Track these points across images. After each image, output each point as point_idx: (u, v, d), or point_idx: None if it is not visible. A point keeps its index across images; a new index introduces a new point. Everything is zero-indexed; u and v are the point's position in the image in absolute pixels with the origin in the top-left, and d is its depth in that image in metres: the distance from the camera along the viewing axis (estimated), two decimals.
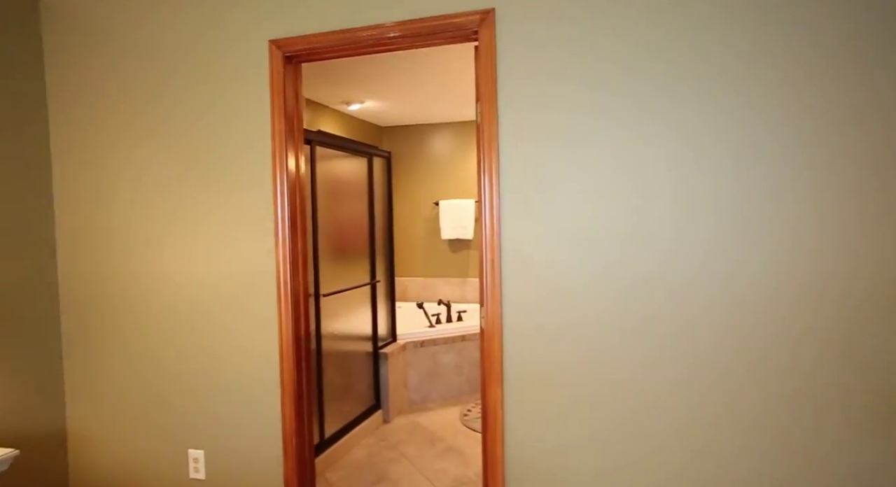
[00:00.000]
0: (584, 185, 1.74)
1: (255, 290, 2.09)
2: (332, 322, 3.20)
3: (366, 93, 4.16)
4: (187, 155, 2.15)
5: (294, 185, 2.07)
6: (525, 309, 1.81)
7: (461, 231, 5.27)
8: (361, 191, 3.52)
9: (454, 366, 4.16)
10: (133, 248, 2.23)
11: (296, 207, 2.08)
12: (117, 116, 2.22)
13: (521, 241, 1.80)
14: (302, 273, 2.10)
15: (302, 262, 2.10)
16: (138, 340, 2.25)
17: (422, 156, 5.52)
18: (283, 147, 2.03)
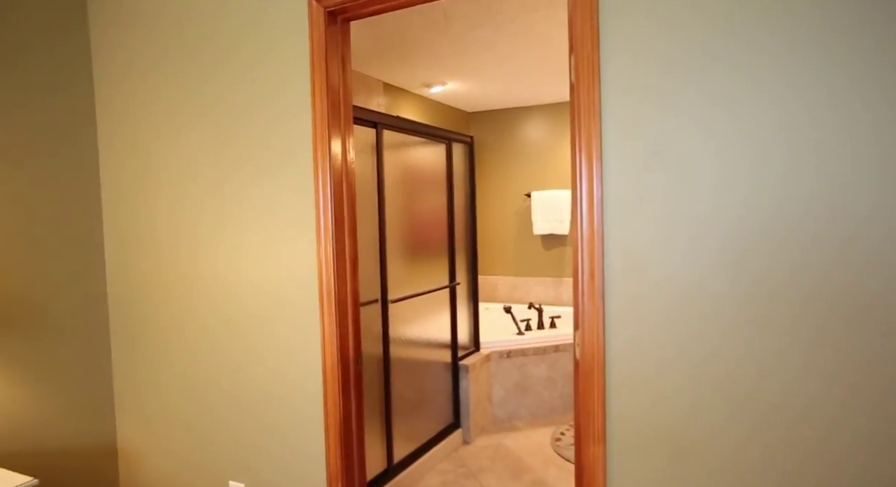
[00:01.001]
0: (731, 165, 1.18)
1: (292, 301, 1.73)
2: (404, 329, 2.82)
3: (448, 74, 3.74)
4: (218, 139, 1.83)
5: (340, 174, 1.69)
6: (640, 339, 1.28)
7: (556, 225, 4.72)
8: (439, 181, 3.10)
9: (545, 380, 3.65)
10: (175, 250, 1.97)
11: (342, 200, 1.69)
12: (160, 104, 1.96)
13: (633, 243, 1.28)
14: (351, 279, 1.71)
15: (351, 267, 1.71)
16: (183, 354, 1.99)
17: (512, 142, 5.02)
18: (326, 127, 1.64)
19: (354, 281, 1.73)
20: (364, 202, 2.49)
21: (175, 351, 2.00)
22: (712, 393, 1.22)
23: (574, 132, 1.33)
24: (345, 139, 1.72)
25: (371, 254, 2.54)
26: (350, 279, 1.71)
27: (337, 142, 1.68)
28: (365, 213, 2.49)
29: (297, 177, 1.71)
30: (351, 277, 1.72)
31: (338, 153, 1.68)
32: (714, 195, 1.20)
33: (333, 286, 1.66)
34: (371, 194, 2.53)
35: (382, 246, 2.59)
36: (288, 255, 1.74)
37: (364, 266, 2.50)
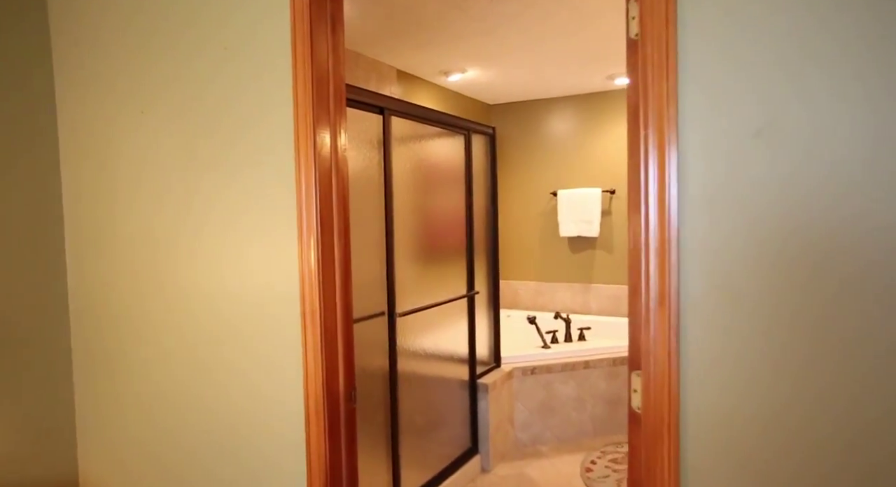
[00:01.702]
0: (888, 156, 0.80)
1: (267, 322, 1.40)
2: (414, 343, 2.47)
3: (468, 60, 3.38)
4: (190, 133, 1.50)
5: (328, 168, 1.35)
6: (735, 389, 0.91)
7: (584, 227, 4.33)
8: (456, 177, 2.75)
9: (574, 400, 3.27)
10: (133, 258, 1.65)
11: (330, 198, 1.35)
12: (121, 85, 1.64)
13: (724, 256, 0.91)
14: (341, 294, 1.37)
15: (342, 278, 1.37)
16: (147, 383, 1.67)
17: (536, 137, 4.64)
18: (310, 112, 1.30)
19: (346, 295, 1.39)
20: (368, 201, 2.15)
21: (139, 378, 1.68)
22: None
23: (636, 104, 0.96)
24: (335, 126, 1.38)
25: (376, 261, 2.20)
26: (340, 293, 1.37)
27: (325, 130, 1.34)
28: (369, 214, 2.15)
29: (274, 172, 1.37)
30: (342, 291, 1.37)
31: (326, 142, 1.34)
32: (856, 191, 0.82)
33: (319, 303, 1.31)
34: (377, 191, 2.19)
35: (390, 251, 2.24)
36: (260, 265, 1.40)
37: (367, 274, 2.16)
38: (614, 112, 4.30)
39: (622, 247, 4.35)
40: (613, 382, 3.32)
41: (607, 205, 4.38)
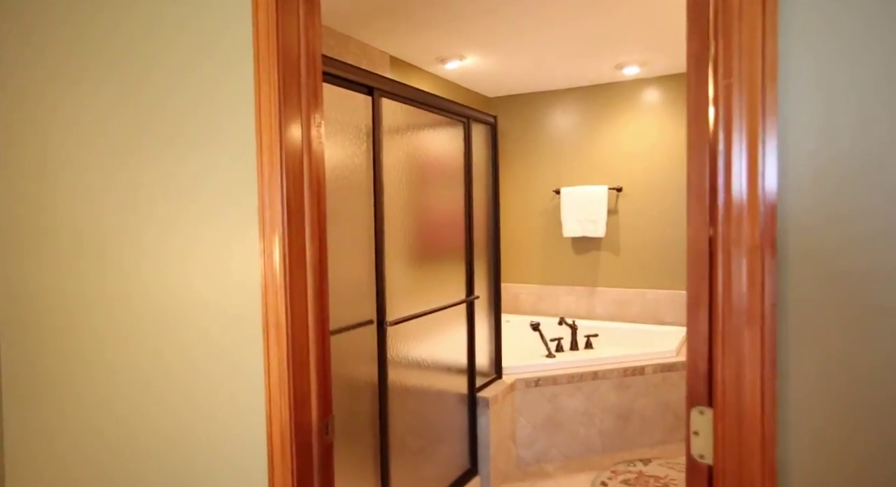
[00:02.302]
0: None
1: (219, 339, 1.13)
2: (407, 354, 2.20)
3: (467, 45, 3.12)
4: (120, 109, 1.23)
5: (298, 157, 1.08)
6: (866, 448, 0.65)
7: (589, 226, 4.07)
8: (454, 170, 2.49)
9: (582, 414, 3.01)
10: (56, 257, 1.37)
11: (300, 191, 1.09)
12: (66, 64, 1.37)
13: (848, 257, 0.65)
14: (314, 303, 1.10)
15: (315, 284, 1.11)
16: (76, 407, 1.39)
17: (539, 132, 4.39)
18: (276, 96, 1.05)
19: (321, 303, 1.12)
20: (354, 195, 1.88)
21: (74, 406, 1.40)
22: None
23: (702, 48, 0.70)
24: (309, 107, 1.11)
25: (363, 263, 1.94)
26: (314, 301, 1.10)
27: (294, 112, 1.08)
28: (356, 209, 1.89)
29: (230, 157, 1.11)
30: (315, 299, 1.11)
31: (296, 125, 1.08)
32: None
33: (285, 314, 1.05)
34: (364, 184, 1.93)
35: (379, 251, 1.98)
36: (213, 268, 1.13)
37: (353, 278, 1.89)
38: (622, 104, 4.05)
39: (629, 248, 4.10)
40: (624, 394, 3.06)
41: (613, 204, 4.13)
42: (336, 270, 1.80)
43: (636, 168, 4.04)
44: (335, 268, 1.79)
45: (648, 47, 3.25)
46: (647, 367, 3.10)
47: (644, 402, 3.10)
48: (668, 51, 3.32)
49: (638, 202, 4.05)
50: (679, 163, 3.89)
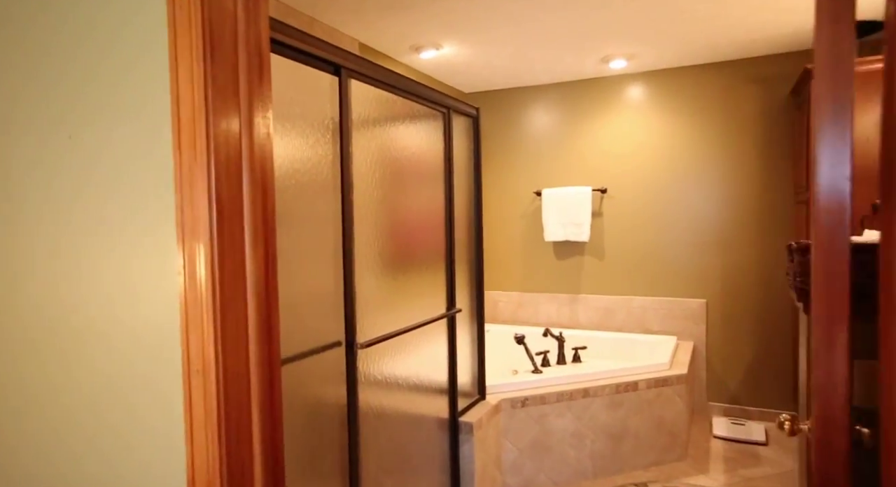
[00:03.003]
0: None
1: (126, 382, 0.81)
2: (380, 377, 1.90)
3: (444, 32, 2.85)
4: None
5: (234, 150, 0.78)
6: None
7: (573, 230, 3.84)
8: (433, 166, 2.20)
9: (571, 435, 2.76)
10: None
11: (239, 192, 0.79)
12: None
13: None
14: (258, 329, 0.80)
15: (260, 304, 0.80)
16: None
17: (519, 130, 4.14)
18: (201, 73, 0.75)
19: (268, 335, 0.82)
20: (317, 195, 1.58)
21: None
22: None
23: None
24: (249, 92, 0.81)
25: (329, 275, 1.63)
26: (258, 334, 0.80)
27: (227, 97, 0.77)
28: (318, 212, 1.58)
29: (141, 151, 0.80)
30: (259, 330, 0.80)
31: (228, 113, 0.78)
32: None
33: (215, 349, 0.74)
34: (330, 182, 1.62)
35: (348, 261, 1.68)
36: (112, 288, 0.82)
37: (316, 293, 1.59)
38: (607, 101, 3.83)
39: (614, 253, 3.88)
40: (616, 413, 2.82)
41: (598, 206, 3.91)
42: (294, 284, 1.49)
43: (622, 168, 3.83)
44: (293, 282, 1.48)
45: (637, 39, 3.03)
46: (641, 382, 2.86)
47: (637, 420, 2.87)
48: (658, 43, 3.11)
49: (624, 204, 3.83)
50: (667, 163, 3.69)
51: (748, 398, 3.56)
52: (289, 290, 1.46)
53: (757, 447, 3.14)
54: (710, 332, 3.64)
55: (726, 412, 3.61)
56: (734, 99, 3.50)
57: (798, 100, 3.26)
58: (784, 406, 3.47)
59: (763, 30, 2.94)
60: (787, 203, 3.42)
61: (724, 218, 3.57)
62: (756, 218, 3.49)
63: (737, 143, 3.51)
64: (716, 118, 3.55)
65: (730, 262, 3.56)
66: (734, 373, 3.59)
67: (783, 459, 2.98)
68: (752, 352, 3.54)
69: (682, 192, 3.66)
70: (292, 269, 1.47)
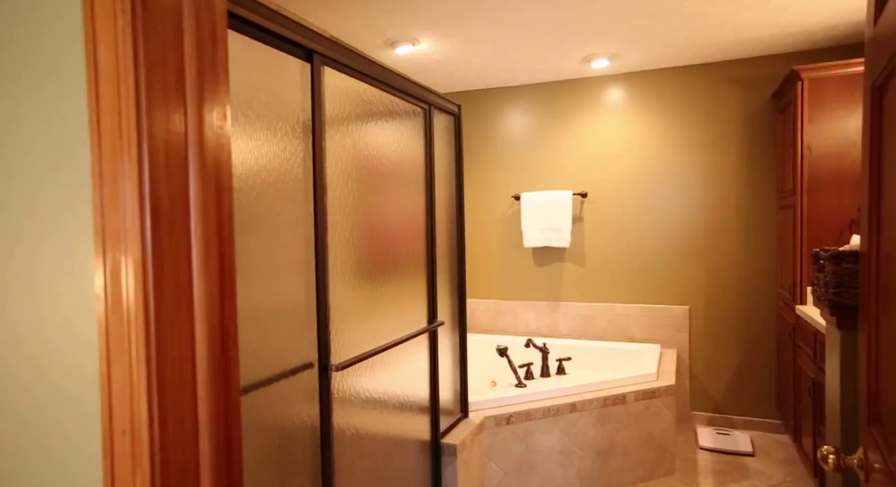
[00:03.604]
0: None
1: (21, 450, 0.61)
2: (356, 400, 1.71)
3: (421, 25, 2.68)
4: None
5: (174, 153, 0.59)
6: None
7: (553, 236, 3.71)
8: (413, 167, 2.02)
9: (558, 453, 2.60)
10: None
11: (183, 198, 0.59)
12: None
13: None
14: (213, 381, 0.60)
15: (213, 343, 0.60)
16: None
17: (497, 132, 4.00)
18: (134, 69, 0.55)
19: (226, 378, 0.63)
20: (284, 198, 1.38)
21: None
22: None
23: None
24: (198, 77, 0.63)
25: (300, 288, 1.43)
26: (209, 374, 0.61)
27: (167, 84, 0.58)
28: (287, 218, 1.39)
29: (50, 135, 0.59)
30: (210, 368, 0.61)
31: (168, 102, 0.58)
32: None
33: (148, 407, 0.54)
34: (300, 183, 1.43)
35: (321, 272, 1.48)
36: (14, 318, 0.61)
37: (286, 307, 1.38)
38: (588, 103, 3.73)
39: (595, 259, 3.77)
40: (604, 428, 2.68)
41: (578, 211, 3.79)
42: (259, 298, 1.29)
43: (603, 172, 3.72)
44: (258, 295, 1.28)
45: (621, 37, 2.92)
46: (629, 395, 2.73)
47: (625, 435, 2.73)
48: (642, 43, 3.02)
49: (605, 209, 3.73)
50: (649, 167, 3.60)
51: (732, 406, 3.48)
52: (252, 305, 1.26)
53: (744, 458, 3.05)
54: (693, 340, 3.55)
55: (710, 421, 3.53)
56: (717, 102, 3.43)
57: (780, 103, 3.21)
58: (767, 414, 3.40)
59: (748, 30, 2.87)
60: (770, 208, 3.36)
61: (706, 222, 3.49)
62: (739, 223, 3.43)
63: (719, 147, 3.45)
64: (698, 121, 3.48)
65: (713, 268, 3.49)
66: (717, 382, 3.51)
67: (772, 471, 2.90)
68: (735, 360, 3.46)
69: (665, 197, 3.58)
70: (256, 281, 1.27)
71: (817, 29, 2.89)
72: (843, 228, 2.77)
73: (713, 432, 3.36)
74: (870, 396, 0.94)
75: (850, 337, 1.11)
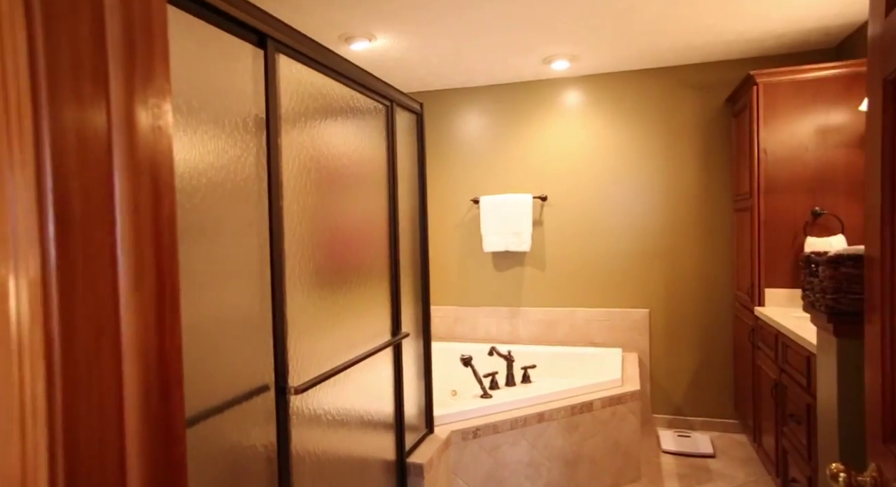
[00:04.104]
0: None
1: None
2: (317, 423, 1.55)
3: (380, 22, 2.55)
4: None
5: (92, 150, 0.44)
6: None
7: (513, 240, 3.64)
8: (375, 168, 1.88)
9: (527, 465, 2.51)
10: None
11: (106, 203, 0.44)
12: None
13: None
14: (144, 443, 0.45)
15: (145, 393, 0.45)
16: None
17: (455, 134, 3.90)
18: (25, 49, 0.39)
19: (166, 430, 0.48)
20: (235, 201, 1.22)
21: None
22: None
23: None
24: (126, 60, 0.48)
25: (253, 302, 1.27)
26: (142, 436, 0.45)
27: (82, 68, 0.43)
28: (238, 224, 1.22)
29: None
30: (144, 428, 0.45)
31: (82, 91, 0.43)
32: None
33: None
34: (252, 185, 1.26)
35: (277, 283, 1.32)
36: None
37: (236, 322, 1.22)
38: (547, 105, 3.68)
39: (556, 264, 3.72)
40: (572, 437, 2.61)
41: (538, 215, 3.74)
42: (205, 316, 1.12)
43: (562, 175, 3.68)
44: (205, 312, 1.11)
45: (582, 38, 2.88)
46: (596, 402, 2.68)
47: (593, 443, 2.68)
48: (602, 45, 2.99)
49: (564, 212, 3.69)
50: (608, 171, 3.59)
51: (691, 408, 3.50)
52: (198, 322, 1.09)
53: (706, 460, 3.06)
54: (653, 343, 3.55)
55: (670, 423, 3.53)
56: (674, 106, 3.46)
57: (735, 107, 3.26)
58: (725, 414, 3.44)
59: (706, 34, 2.89)
60: (726, 211, 3.41)
61: (665, 225, 3.51)
62: (696, 225, 3.46)
63: (677, 151, 3.47)
64: (656, 125, 3.50)
65: (672, 271, 3.50)
66: (677, 384, 3.52)
67: (734, 472, 2.91)
68: (694, 362, 3.49)
69: (624, 200, 3.57)
70: (203, 295, 1.10)
71: (768, 36, 2.94)
72: (797, 231, 2.82)
73: (674, 435, 3.36)
74: (884, 409, 0.88)
75: (849, 345, 1.06)
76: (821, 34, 2.93)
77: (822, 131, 2.74)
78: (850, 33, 2.94)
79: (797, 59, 3.21)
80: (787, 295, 2.80)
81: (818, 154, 2.75)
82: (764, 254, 2.83)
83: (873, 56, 0.91)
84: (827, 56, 3.16)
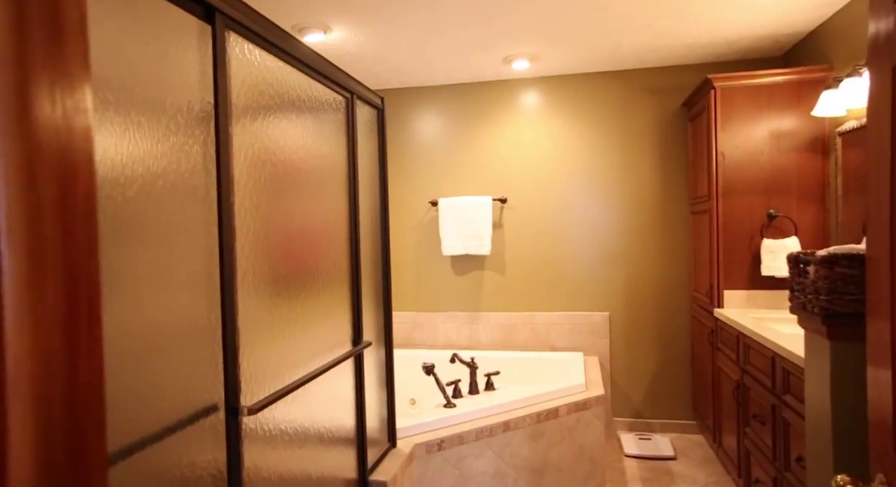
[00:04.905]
0: None
1: None
2: (272, 443, 1.40)
3: (336, 13, 2.41)
4: None
5: None
6: None
7: (473, 243, 3.56)
8: (334, 163, 1.75)
9: (492, 477, 2.42)
10: None
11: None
12: None
13: None
14: None
15: (45, 443, 0.31)
16: None
17: (413, 135, 3.79)
18: None
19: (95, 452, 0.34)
20: (178, 202, 1.06)
21: None
22: None
23: None
24: (27, 44, 0.34)
25: (200, 309, 1.11)
26: None
27: None
28: (182, 228, 1.07)
29: None
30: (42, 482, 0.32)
31: None
32: None
33: None
34: (199, 179, 1.11)
35: (227, 292, 1.17)
36: None
37: (180, 333, 1.06)
38: (507, 106, 3.63)
39: (515, 267, 3.66)
40: (538, 445, 2.54)
41: (498, 217, 3.68)
42: (142, 327, 0.96)
43: (521, 177, 3.63)
44: (142, 324, 0.95)
45: (543, 37, 2.84)
46: (561, 408, 2.62)
47: (559, 451, 2.61)
48: (563, 46, 2.95)
49: (524, 215, 3.64)
50: (568, 173, 3.56)
51: (651, 410, 3.51)
52: (132, 335, 0.93)
53: (668, 462, 3.06)
54: (613, 346, 3.54)
55: (631, 426, 3.53)
56: (632, 109, 3.47)
57: (691, 111, 3.30)
58: (683, 416, 3.46)
59: (664, 38, 2.90)
60: (683, 213, 3.44)
61: (623, 228, 3.51)
62: (654, 228, 3.47)
63: (635, 154, 3.48)
64: (614, 128, 3.50)
65: (631, 273, 3.51)
66: (637, 387, 3.52)
67: (695, 473, 2.91)
68: (653, 364, 3.50)
69: (583, 203, 3.55)
70: (140, 304, 0.95)
71: (723, 42, 2.99)
72: (754, 233, 2.86)
73: (635, 438, 3.35)
74: (895, 416, 0.83)
75: (843, 348, 1.02)
76: (771, 41, 3.00)
77: (776, 135, 2.79)
78: (796, 42, 3.03)
79: (748, 66, 3.28)
80: (745, 297, 2.83)
81: (772, 157, 2.80)
82: (723, 256, 2.86)
83: (876, 45, 0.87)
84: (775, 63, 3.24)
